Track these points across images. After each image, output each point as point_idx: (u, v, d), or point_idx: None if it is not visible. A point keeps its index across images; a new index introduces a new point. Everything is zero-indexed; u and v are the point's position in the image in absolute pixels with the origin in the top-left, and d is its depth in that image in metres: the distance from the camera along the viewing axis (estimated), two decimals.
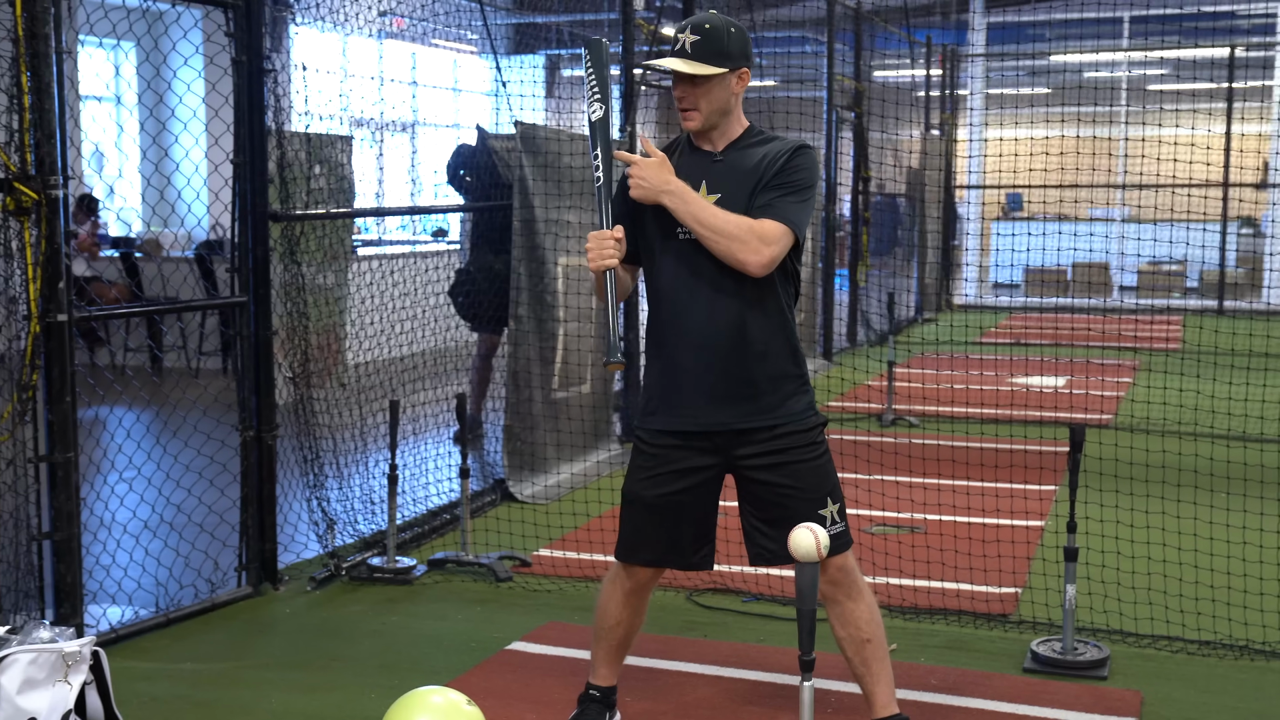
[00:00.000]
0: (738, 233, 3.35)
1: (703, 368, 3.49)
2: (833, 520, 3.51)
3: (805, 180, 3.43)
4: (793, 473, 3.50)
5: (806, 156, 3.46)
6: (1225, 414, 8.43)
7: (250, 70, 5.16)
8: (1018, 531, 6.09)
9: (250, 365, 5.29)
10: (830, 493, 3.54)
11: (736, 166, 3.47)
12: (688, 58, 3.39)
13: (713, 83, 3.42)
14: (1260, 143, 18.35)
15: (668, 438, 3.56)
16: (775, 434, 3.50)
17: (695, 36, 3.39)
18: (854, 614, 3.54)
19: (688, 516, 3.58)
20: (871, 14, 14.18)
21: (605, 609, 3.75)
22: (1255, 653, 4.63)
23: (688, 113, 3.45)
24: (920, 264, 15.81)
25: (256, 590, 5.37)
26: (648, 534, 3.59)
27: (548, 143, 7.08)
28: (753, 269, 3.36)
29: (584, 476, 7.34)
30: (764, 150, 3.48)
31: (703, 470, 3.56)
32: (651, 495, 3.57)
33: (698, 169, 3.50)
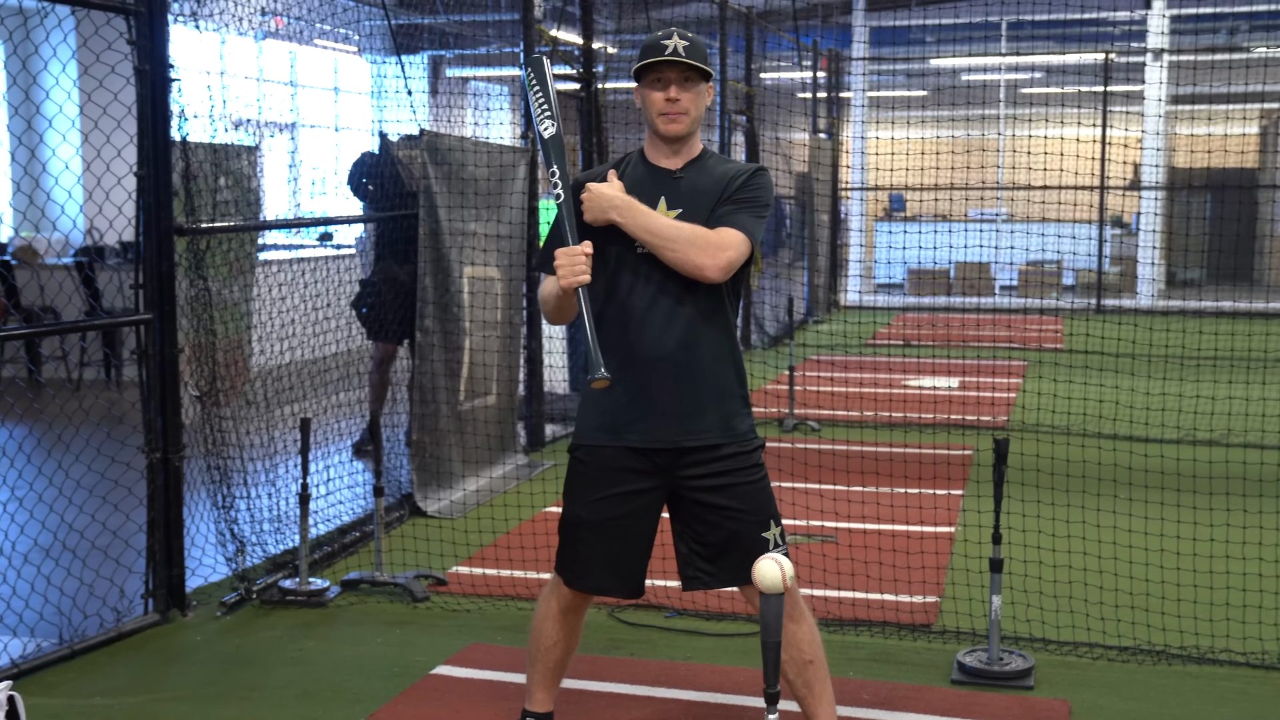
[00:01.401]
0: (692, 237, 3.34)
1: (653, 384, 3.45)
2: (775, 543, 3.50)
3: (763, 199, 3.45)
4: (736, 494, 3.48)
5: (765, 178, 3.49)
6: (1115, 414, 8.61)
7: (154, 80, 4.97)
8: (929, 539, 6.15)
9: (156, 384, 5.11)
10: (773, 515, 3.52)
11: (696, 184, 3.45)
12: (684, 56, 3.39)
13: (701, 88, 3.45)
14: (1133, 145, 18.86)
15: (610, 456, 3.50)
16: (719, 454, 3.47)
17: (685, 41, 3.40)
18: (796, 636, 3.52)
19: (632, 540, 3.53)
20: (761, 17, 14.26)
21: (541, 629, 3.67)
22: (1173, 657, 4.72)
23: (678, 116, 3.41)
24: (810, 266, 15.95)
25: (164, 617, 5.19)
26: (593, 558, 3.53)
27: (452, 153, 6.97)
28: (710, 273, 3.33)
29: (490, 489, 7.24)
30: (723, 170, 3.48)
31: (646, 492, 3.51)
32: (596, 519, 3.51)
33: (656, 185, 3.47)
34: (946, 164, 15.88)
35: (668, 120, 3.42)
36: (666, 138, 3.46)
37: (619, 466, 3.49)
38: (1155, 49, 17.84)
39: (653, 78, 3.43)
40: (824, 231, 16.53)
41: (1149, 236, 18.20)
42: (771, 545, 3.46)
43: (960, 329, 14.81)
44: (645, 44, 3.44)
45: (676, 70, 3.41)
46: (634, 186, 3.46)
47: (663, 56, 3.39)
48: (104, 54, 5.02)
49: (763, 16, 14.68)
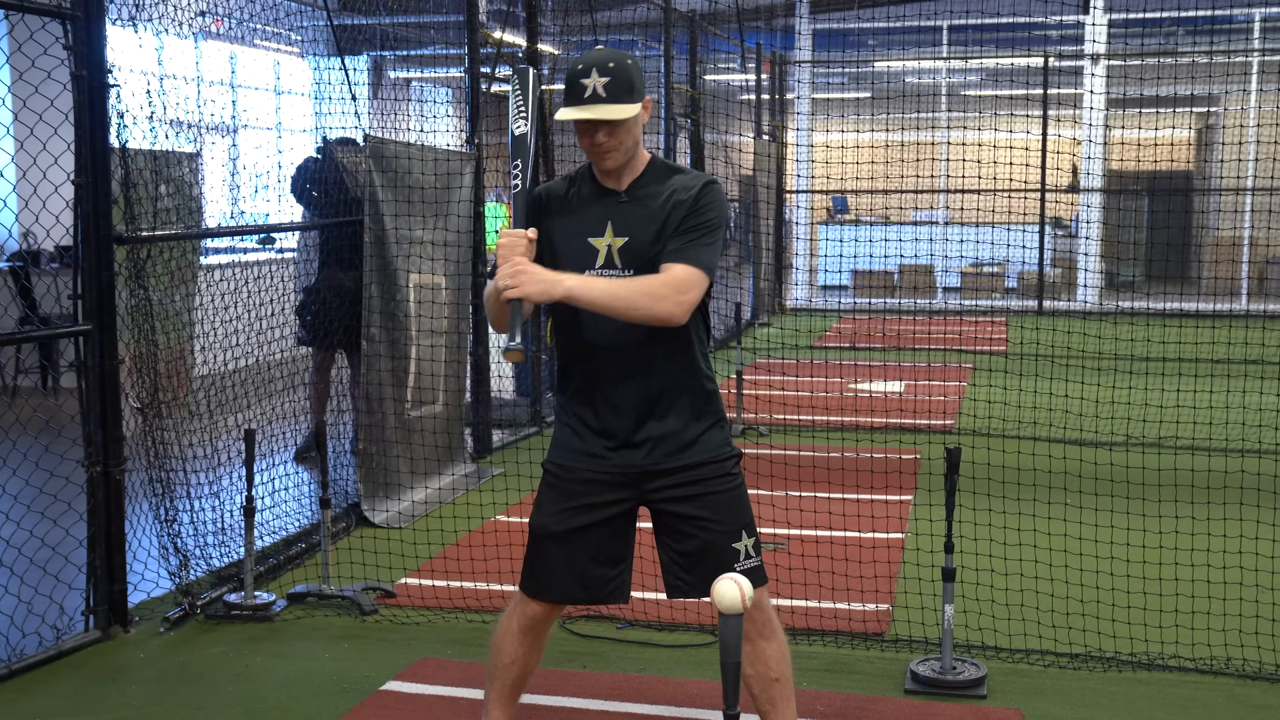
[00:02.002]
0: (650, 290, 3.25)
1: (618, 412, 3.41)
2: (747, 554, 3.45)
3: (714, 220, 3.35)
4: (708, 504, 3.44)
5: (714, 193, 3.37)
6: (1065, 414, 8.67)
7: (92, 85, 4.87)
8: (880, 544, 6.14)
9: (96, 397, 5.00)
10: (746, 525, 3.47)
11: (643, 206, 3.37)
12: (604, 101, 3.25)
13: (632, 118, 3.31)
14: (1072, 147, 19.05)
15: (580, 471, 3.47)
16: (688, 467, 3.44)
17: (606, 78, 3.26)
18: (765, 652, 3.49)
19: (598, 551, 3.47)
20: (705, 19, 14.25)
21: (500, 646, 3.59)
22: (1123, 664, 4.74)
23: (608, 154, 3.32)
24: (755, 269, 15.97)
25: (106, 634, 5.08)
26: (556, 570, 3.46)
27: (397, 159, 6.89)
28: (677, 320, 3.27)
29: (439, 496, 7.17)
30: (670, 187, 3.37)
31: (615, 504, 3.46)
32: (561, 529, 3.46)
33: (603, 210, 3.39)
34: (889, 167, 15.97)
35: (599, 158, 3.33)
36: (604, 171, 3.39)
37: (587, 479, 3.46)
38: (1093, 53, 18.02)
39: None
40: (768, 234, 16.55)
41: (1088, 239, 18.39)
42: (743, 555, 3.42)
43: (906, 331, 14.89)
44: (568, 74, 3.30)
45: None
46: (581, 208, 3.40)
47: (581, 104, 3.26)
48: (40, 59, 4.90)
49: (706, 19, 14.67)
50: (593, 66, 3.26)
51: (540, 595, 3.49)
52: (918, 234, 18.64)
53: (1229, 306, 17.49)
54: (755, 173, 15.71)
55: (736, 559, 3.40)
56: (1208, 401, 9.44)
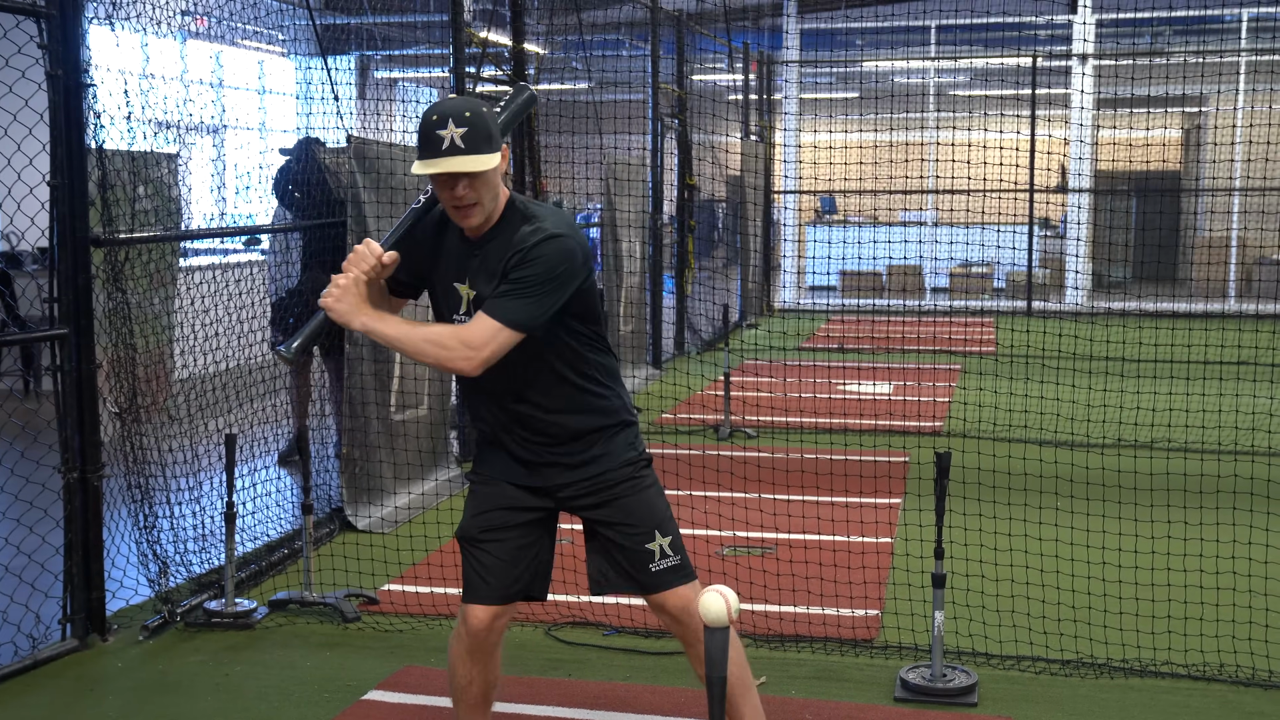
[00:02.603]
0: (439, 340, 3.22)
1: (512, 441, 3.43)
2: (663, 553, 3.44)
3: (536, 276, 3.19)
4: (617, 508, 3.44)
5: (548, 248, 3.20)
6: (1054, 416, 8.61)
7: (67, 85, 4.78)
8: (869, 549, 6.08)
9: (73, 402, 4.91)
10: (659, 525, 3.45)
11: (489, 259, 3.28)
12: (462, 153, 3.14)
13: (491, 169, 3.20)
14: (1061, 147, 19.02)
15: (496, 476, 3.50)
16: (596, 477, 3.44)
17: (463, 128, 3.14)
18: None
19: (519, 553, 3.46)
20: (692, 19, 14.19)
21: (454, 669, 3.58)
22: (1115, 670, 4.68)
23: (470, 210, 3.22)
24: (743, 269, 15.91)
25: (83, 643, 4.99)
26: (480, 571, 3.45)
27: (381, 160, 6.81)
28: (467, 373, 3.22)
29: (424, 500, 7.09)
30: (516, 238, 3.25)
31: (532, 509, 3.48)
32: (479, 531, 3.46)
33: (462, 259, 3.34)
34: (877, 167, 15.92)
35: (461, 216, 3.23)
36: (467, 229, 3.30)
37: (503, 481, 3.48)
38: (1081, 53, 17.99)
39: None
40: (756, 236, 16.49)
41: (1077, 239, 18.36)
42: (658, 555, 3.42)
43: (894, 331, 14.83)
44: (421, 125, 3.17)
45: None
46: (449, 252, 3.36)
47: (439, 156, 3.14)
48: (14, 58, 4.81)
49: (694, 19, 14.61)
50: (448, 117, 3.15)
51: (468, 598, 3.47)
52: (906, 234, 18.59)
53: (1217, 307, 17.47)
54: (743, 173, 15.65)
55: (651, 559, 3.40)
56: (1198, 404, 9.40)
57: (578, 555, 3.67)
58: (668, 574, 3.41)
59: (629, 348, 11.27)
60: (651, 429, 9.14)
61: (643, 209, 11.73)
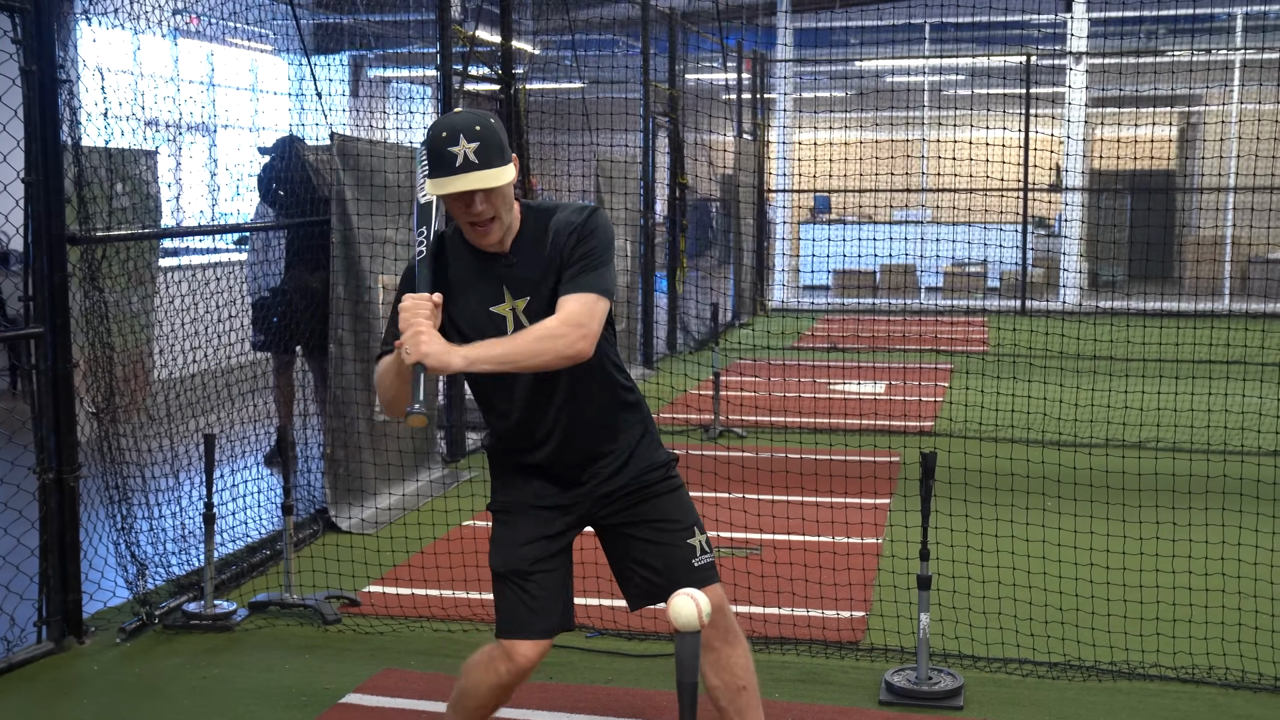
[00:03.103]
0: (550, 333, 3.10)
1: (547, 459, 3.32)
2: (702, 550, 3.38)
3: (601, 245, 3.17)
4: (655, 506, 3.37)
5: (597, 219, 3.20)
6: (1046, 416, 8.55)
7: (42, 81, 4.72)
8: (856, 550, 6.03)
9: (48, 401, 4.85)
10: (695, 523, 3.40)
11: (533, 261, 3.21)
12: (477, 168, 3.06)
13: (505, 181, 3.13)
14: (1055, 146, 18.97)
15: (526, 506, 3.37)
16: (625, 488, 3.36)
17: (475, 143, 3.06)
18: (731, 660, 3.38)
19: (565, 579, 3.37)
20: (684, 18, 14.13)
21: (472, 691, 3.40)
22: (1103, 673, 4.63)
23: (488, 226, 3.14)
24: (736, 268, 15.85)
25: (59, 646, 4.93)
26: (533, 604, 3.30)
27: (366, 158, 6.75)
28: (584, 355, 3.13)
29: (410, 500, 7.03)
30: (552, 230, 3.20)
31: (566, 534, 3.38)
32: (528, 564, 3.32)
33: (495, 277, 3.23)
34: (871, 166, 15.84)
35: (479, 234, 3.15)
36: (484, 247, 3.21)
37: (535, 508, 3.36)
38: (1076, 52, 17.94)
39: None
40: (749, 234, 16.44)
41: (1071, 238, 18.32)
42: (699, 551, 3.35)
43: (886, 331, 14.79)
44: (429, 147, 3.09)
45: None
46: (471, 281, 3.24)
47: (453, 173, 3.05)
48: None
49: (686, 17, 14.55)
50: (459, 132, 3.07)
51: (521, 634, 3.30)
52: (900, 233, 18.53)
53: (1211, 306, 17.42)
54: (737, 172, 15.60)
55: (693, 554, 3.33)
56: (1190, 403, 9.35)
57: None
58: (705, 570, 3.33)
59: (619, 347, 11.19)
60: None
61: (633, 207, 11.67)
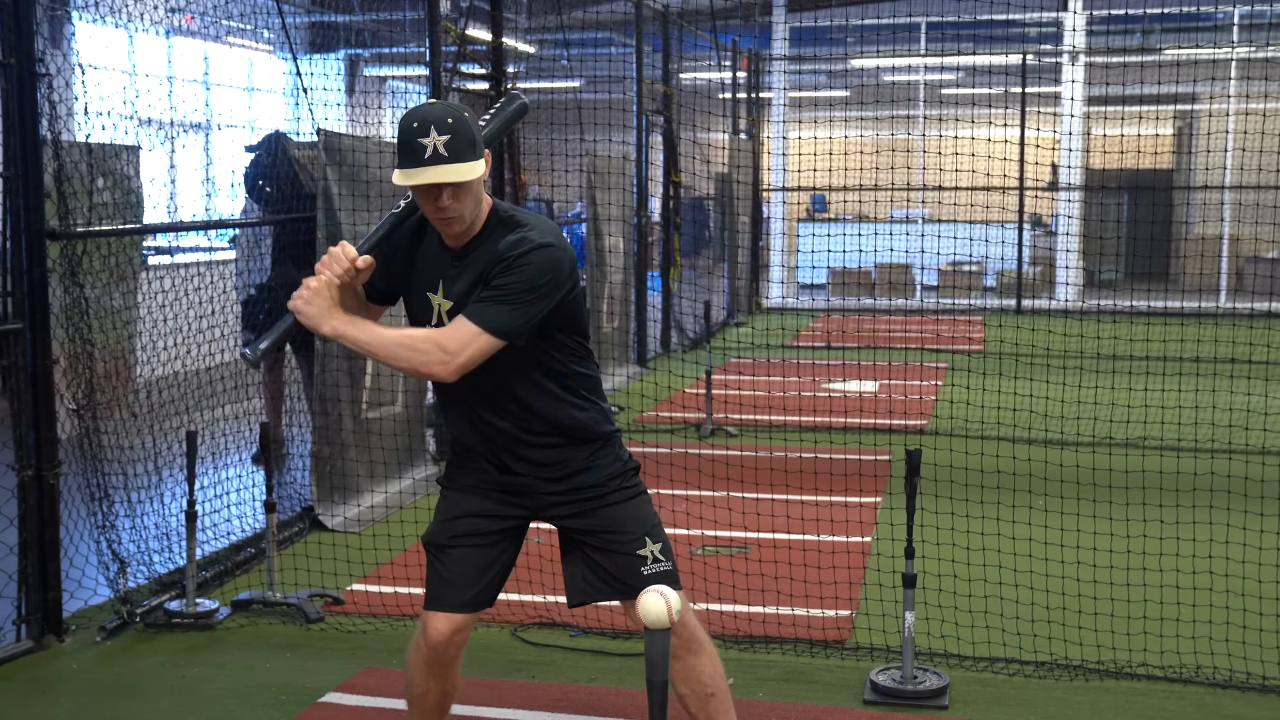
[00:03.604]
0: (414, 345, 3.07)
1: (490, 455, 3.31)
2: (654, 559, 3.32)
3: (521, 283, 3.07)
4: (604, 517, 3.32)
5: (537, 257, 3.08)
6: (1040, 415, 8.51)
7: (20, 74, 4.68)
8: (845, 549, 5.99)
9: (28, 398, 4.81)
10: (649, 532, 3.35)
11: (470, 269, 3.17)
12: (445, 161, 3.02)
13: (474, 177, 3.09)
14: (1051, 146, 18.93)
15: (468, 482, 3.38)
16: (578, 489, 3.32)
17: (445, 135, 3.02)
18: (696, 669, 3.33)
19: (486, 562, 3.35)
20: (678, 16, 14.09)
21: (410, 675, 3.47)
22: (1090, 672, 4.59)
23: (452, 221, 3.11)
24: (731, 267, 15.81)
25: (39, 644, 4.89)
26: (441, 578, 3.34)
27: (353, 153, 6.71)
28: (442, 379, 3.10)
29: (399, 498, 6.99)
30: (499, 247, 3.14)
31: (503, 518, 3.36)
32: (446, 538, 3.36)
33: (439, 268, 3.22)
34: (867, 164, 15.81)
35: (445, 225, 3.12)
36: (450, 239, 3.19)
37: (476, 489, 3.35)
38: (1072, 50, 17.91)
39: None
40: (744, 233, 16.40)
41: (1068, 237, 18.28)
42: (650, 560, 3.30)
43: (884, 330, 14.75)
44: (399, 136, 3.06)
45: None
46: (425, 260, 3.25)
47: (422, 164, 3.01)
48: None
49: (681, 15, 14.51)
50: (430, 124, 3.03)
51: (429, 605, 3.36)
52: (896, 231, 18.49)
53: (1209, 305, 17.38)
54: (733, 170, 15.55)
55: (643, 563, 3.28)
56: (1184, 401, 9.31)
57: (544, 555, 3.57)
58: (658, 579, 3.25)
59: (613, 345, 11.17)
60: (632, 427, 9.05)
61: (626, 204, 11.63)
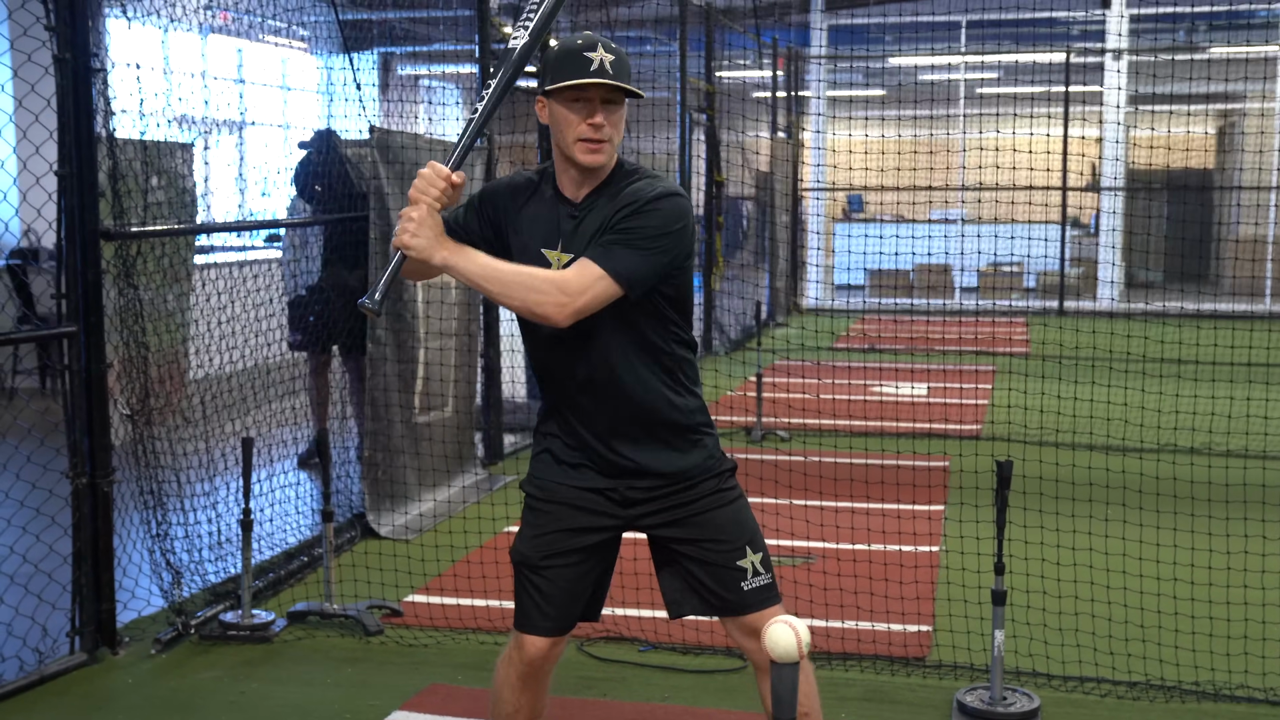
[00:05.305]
0: (532, 283, 2.90)
1: (591, 437, 3.11)
2: (755, 571, 3.14)
3: (651, 229, 2.93)
4: (703, 524, 3.13)
5: (667, 205, 2.96)
6: (1100, 420, 8.28)
7: (75, 70, 4.53)
8: (911, 559, 5.78)
9: (81, 403, 4.66)
10: (750, 541, 3.16)
11: (593, 218, 3.01)
12: (613, 77, 2.92)
13: (624, 110, 2.98)
14: (1091, 146, 18.66)
15: (559, 492, 3.17)
16: (675, 490, 3.13)
17: (612, 55, 2.92)
18: None
19: (581, 579, 3.16)
20: (720, 14, 13.91)
21: (501, 694, 3.28)
22: (1187, 694, 4.39)
23: (600, 146, 2.96)
24: (772, 266, 15.62)
25: (92, 657, 4.75)
26: (540, 600, 3.15)
27: (405, 150, 6.56)
28: (555, 322, 2.90)
29: (449, 505, 6.83)
30: (624, 195, 2.99)
31: (598, 530, 3.16)
32: (540, 557, 3.15)
33: (557, 221, 3.05)
34: (905, 164, 15.58)
35: (588, 149, 2.95)
36: (584, 168, 3.00)
37: (568, 502, 3.15)
38: (1114, 49, 17.64)
39: (571, 96, 2.94)
40: (784, 233, 16.21)
41: (1109, 237, 18.01)
42: (750, 573, 3.12)
43: (925, 332, 14.53)
44: (562, 52, 2.94)
45: (602, 91, 2.94)
46: (540, 214, 3.07)
47: (588, 75, 2.90)
48: (20, 40, 4.57)
49: (723, 14, 14.33)
50: (598, 42, 2.93)
51: (524, 628, 3.18)
52: (935, 232, 18.26)
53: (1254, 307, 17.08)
54: (772, 170, 15.36)
55: (743, 577, 3.10)
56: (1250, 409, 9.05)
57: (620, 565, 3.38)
58: (759, 593, 3.10)
59: None
60: None
61: None
